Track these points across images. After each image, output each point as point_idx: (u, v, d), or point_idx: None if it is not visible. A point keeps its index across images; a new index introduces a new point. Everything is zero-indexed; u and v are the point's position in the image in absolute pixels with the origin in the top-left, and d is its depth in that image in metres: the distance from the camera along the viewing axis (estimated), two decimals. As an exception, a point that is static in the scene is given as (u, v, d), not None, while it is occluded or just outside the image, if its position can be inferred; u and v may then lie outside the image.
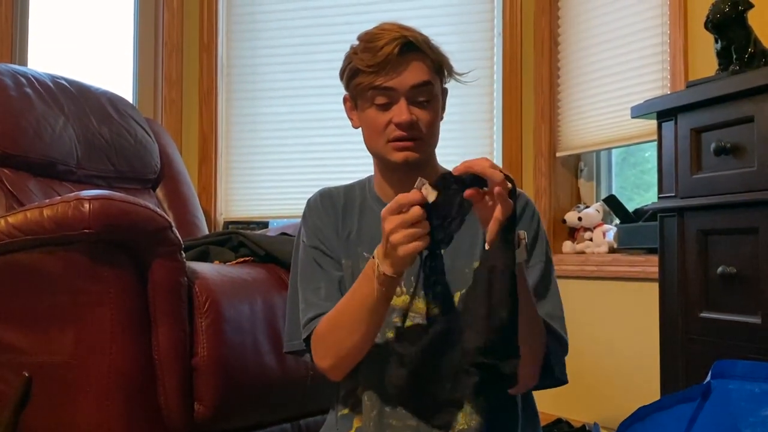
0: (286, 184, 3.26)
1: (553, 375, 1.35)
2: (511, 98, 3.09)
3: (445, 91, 1.43)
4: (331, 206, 1.47)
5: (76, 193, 1.60)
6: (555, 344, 1.34)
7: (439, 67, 1.38)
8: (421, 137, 1.36)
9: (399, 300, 1.37)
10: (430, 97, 1.36)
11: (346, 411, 1.41)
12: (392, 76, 1.34)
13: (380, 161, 1.42)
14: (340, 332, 1.31)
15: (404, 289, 1.37)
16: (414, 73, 1.35)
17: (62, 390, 1.66)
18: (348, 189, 1.50)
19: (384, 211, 1.17)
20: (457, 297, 1.33)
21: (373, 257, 1.21)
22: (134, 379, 1.63)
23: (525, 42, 3.08)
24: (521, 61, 3.08)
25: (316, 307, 1.37)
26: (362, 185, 1.50)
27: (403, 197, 1.16)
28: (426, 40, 1.37)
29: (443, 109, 1.43)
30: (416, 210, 1.14)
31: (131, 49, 3.40)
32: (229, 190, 3.34)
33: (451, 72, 1.41)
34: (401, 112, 1.34)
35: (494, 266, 1.14)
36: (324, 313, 1.35)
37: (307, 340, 1.38)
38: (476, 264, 1.30)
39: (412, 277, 1.36)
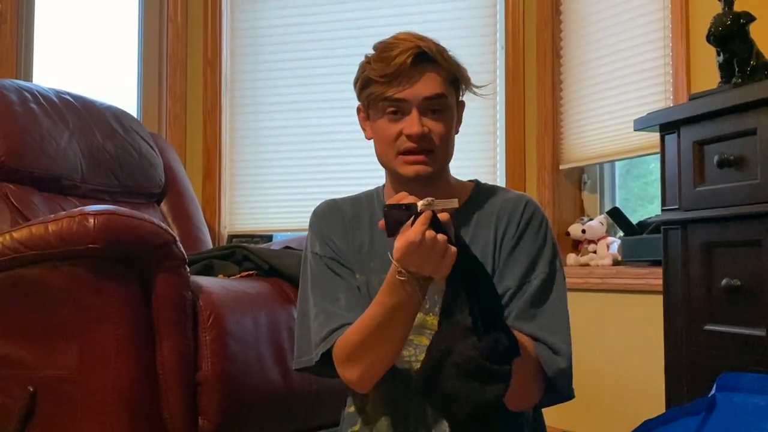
0: (289, 197, 3.26)
1: (556, 390, 1.32)
2: (514, 111, 3.09)
3: (461, 104, 1.42)
4: (339, 217, 1.45)
5: (80, 208, 1.61)
6: (549, 359, 1.30)
7: (455, 78, 1.37)
8: (433, 150, 1.34)
9: None
10: (443, 109, 1.35)
11: (356, 428, 1.40)
12: (405, 86, 1.32)
13: (391, 174, 1.41)
14: (371, 342, 1.27)
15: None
16: (427, 85, 1.33)
17: (66, 405, 1.66)
18: (354, 200, 1.48)
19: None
20: None
21: (395, 263, 1.18)
22: (138, 393, 1.63)
23: (527, 55, 3.08)
24: (524, 75, 3.09)
25: (337, 317, 1.34)
26: (370, 197, 1.48)
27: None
28: (442, 51, 1.36)
29: (459, 122, 1.42)
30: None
31: (135, 64, 3.41)
32: (233, 204, 3.35)
33: (468, 84, 1.40)
34: (413, 123, 1.32)
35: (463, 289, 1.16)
36: (348, 323, 1.31)
37: (327, 352, 1.33)
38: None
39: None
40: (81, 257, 1.59)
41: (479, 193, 1.45)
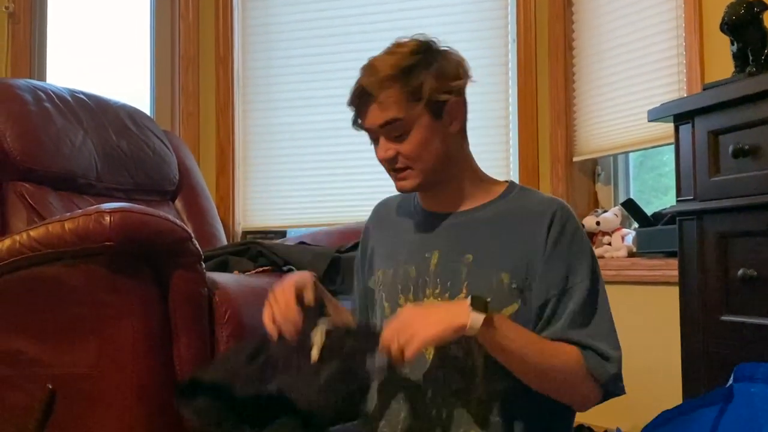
0: (303, 193, 3.27)
1: (608, 391, 1.37)
2: (527, 104, 3.08)
3: (439, 105, 1.39)
4: (384, 211, 1.58)
5: (96, 206, 1.62)
6: (599, 366, 1.34)
7: (414, 91, 1.36)
8: (409, 167, 1.39)
9: None
10: (402, 131, 1.37)
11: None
12: (364, 117, 1.39)
13: None
14: None
15: None
16: (378, 114, 1.37)
17: (85, 402, 1.67)
18: (404, 197, 1.56)
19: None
20: None
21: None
22: (156, 389, 1.64)
23: (540, 47, 3.07)
24: (536, 67, 3.08)
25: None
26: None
27: None
28: (385, 78, 1.36)
29: (453, 118, 1.41)
30: None
31: (148, 62, 3.43)
32: (247, 201, 3.36)
33: (435, 90, 1.37)
34: (378, 150, 1.40)
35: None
36: None
37: None
38: (504, 275, 1.32)
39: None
40: (97, 255, 1.60)
41: (509, 194, 1.46)
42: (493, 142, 3.12)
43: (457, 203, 1.45)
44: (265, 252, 2.08)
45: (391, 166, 1.40)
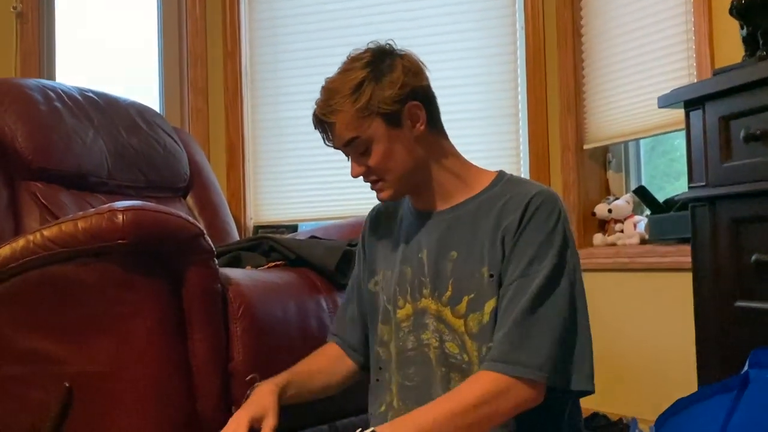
0: (313, 186, 3.27)
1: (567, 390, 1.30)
2: (536, 92, 3.07)
3: (392, 117, 1.38)
4: (382, 214, 1.58)
5: (109, 204, 1.62)
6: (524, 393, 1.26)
7: (364, 108, 1.37)
8: (382, 178, 1.42)
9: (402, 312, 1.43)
10: (365, 147, 1.39)
11: (382, 409, 1.47)
12: (329, 139, 1.45)
13: None
14: None
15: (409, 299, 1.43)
16: (338, 136, 1.41)
17: (102, 398, 1.68)
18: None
19: None
20: (465, 302, 1.35)
21: None
22: (172, 385, 1.65)
23: (548, 35, 3.06)
24: (545, 55, 3.06)
25: (337, 324, 1.65)
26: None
27: None
28: (335, 103, 1.39)
29: (416, 121, 1.40)
30: None
31: (156, 59, 3.43)
32: (258, 195, 3.37)
33: (384, 102, 1.37)
34: (351, 167, 1.44)
35: None
36: (335, 334, 1.63)
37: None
38: (485, 269, 1.32)
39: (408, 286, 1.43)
40: (111, 253, 1.61)
41: (495, 186, 1.43)
42: (502, 132, 3.12)
43: (441, 200, 1.44)
44: (277, 247, 2.09)
45: (365, 180, 1.44)
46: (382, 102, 1.37)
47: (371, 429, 1.24)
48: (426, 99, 1.42)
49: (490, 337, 1.31)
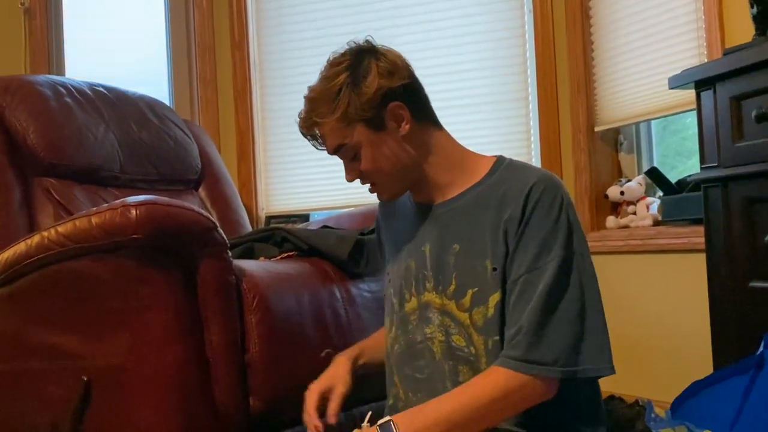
0: (324, 176, 3.27)
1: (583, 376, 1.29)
2: (546, 75, 3.06)
3: (375, 121, 1.37)
4: (392, 206, 1.57)
5: (122, 199, 1.63)
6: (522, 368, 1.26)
7: (344, 116, 1.36)
8: (376, 181, 1.43)
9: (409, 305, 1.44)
10: (353, 153, 1.40)
11: (390, 402, 1.51)
12: (321, 145, 1.46)
13: None
14: None
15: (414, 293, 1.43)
16: (327, 143, 1.42)
17: (120, 392, 1.70)
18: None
19: None
20: (469, 295, 1.34)
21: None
22: (189, 377, 1.66)
23: (557, 17, 3.04)
24: (554, 37, 3.05)
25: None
26: None
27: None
28: (315, 115, 1.39)
29: (401, 121, 1.38)
30: None
31: (164, 51, 3.44)
32: (269, 186, 3.37)
33: (363, 108, 1.35)
34: (345, 172, 1.45)
35: None
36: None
37: None
38: (488, 262, 1.31)
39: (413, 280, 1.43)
40: (125, 248, 1.62)
41: (494, 173, 1.40)
42: (513, 116, 3.11)
43: (440, 193, 1.43)
44: (289, 237, 2.09)
45: (362, 183, 1.45)
46: (360, 109, 1.35)
47: (387, 418, 1.25)
48: (408, 96, 1.39)
49: (496, 330, 1.31)
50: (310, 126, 1.41)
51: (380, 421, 1.25)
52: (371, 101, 1.35)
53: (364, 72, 1.36)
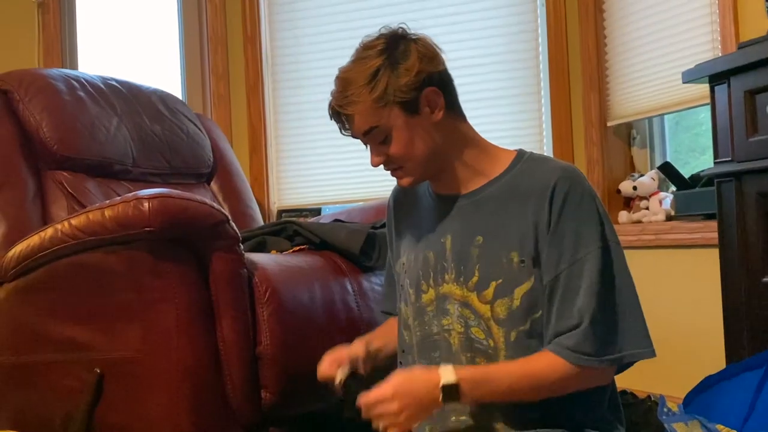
0: (336, 170, 3.27)
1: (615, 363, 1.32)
2: (558, 69, 3.05)
3: (410, 104, 1.36)
4: (406, 197, 1.57)
5: (134, 192, 1.64)
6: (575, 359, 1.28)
7: (381, 97, 1.35)
8: (401, 166, 1.41)
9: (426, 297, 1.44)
10: (384, 136, 1.38)
11: None
12: (347, 129, 1.43)
13: None
14: None
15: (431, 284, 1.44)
16: (356, 126, 1.40)
17: (133, 384, 1.71)
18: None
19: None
20: (492, 287, 1.33)
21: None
22: (201, 370, 1.67)
23: (569, 11, 3.03)
24: (566, 31, 3.04)
25: (388, 302, 1.64)
26: None
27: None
28: (351, 94, 1.36)
29: (435, 107, 1.37)
30: None
31: (177, 46, 3.44)
32: (281, 179, 3.38)
33: (401, 90, 1.34)
34: (371, 156, 1.43)
35: None
36: (384, 311, 1.65)
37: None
38: (514, 254, 1.31)
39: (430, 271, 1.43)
40: (138, 241, 1.62)
41: (515, 166, 1.40)
42: (525, 110, 3.10)
43: (463, 184, 1.42)
44: (301, 231, 2.10)
45: (386, 168, 1.43)
46: (398, 90, 1.34)
47: (453, 380, 1.25)
48: (443, 84, 1.39)
49: (522, 320, 1.31)
50: (344, 105, 1.37)
51: (443, 382, 1.24)
52: (410, 84, 1.34)
53: (404, 55, 1.36)
